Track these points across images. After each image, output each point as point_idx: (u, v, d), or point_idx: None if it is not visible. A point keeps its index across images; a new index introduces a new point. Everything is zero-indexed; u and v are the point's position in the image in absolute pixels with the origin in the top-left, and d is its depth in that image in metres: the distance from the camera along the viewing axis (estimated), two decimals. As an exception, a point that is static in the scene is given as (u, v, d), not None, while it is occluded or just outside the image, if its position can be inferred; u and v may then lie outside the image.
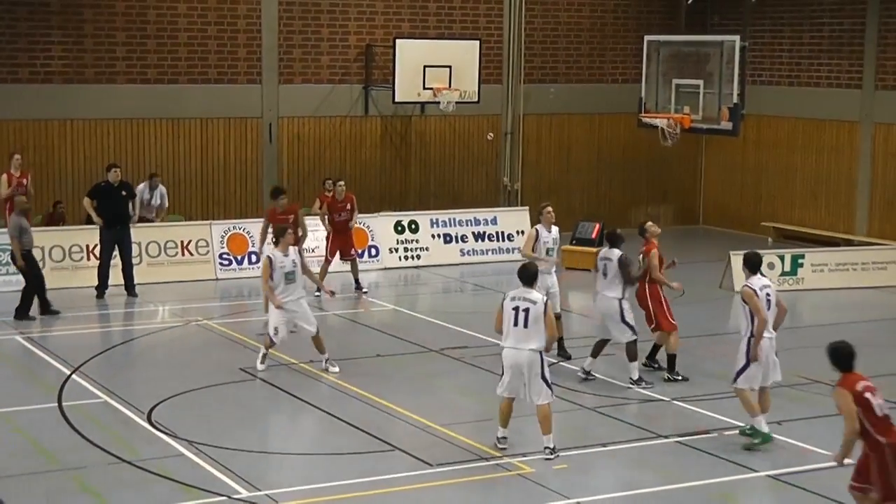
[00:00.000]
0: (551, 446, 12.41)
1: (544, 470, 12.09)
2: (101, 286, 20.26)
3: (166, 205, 22.61)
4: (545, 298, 12.45)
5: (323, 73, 25.69)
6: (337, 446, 12.90)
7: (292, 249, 15.24)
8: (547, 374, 12.35)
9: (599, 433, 13.36)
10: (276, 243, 15.37)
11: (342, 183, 20.81)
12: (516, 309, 12.24)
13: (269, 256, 15.21)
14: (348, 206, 20.50)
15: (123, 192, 20.34)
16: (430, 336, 17.43)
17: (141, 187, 22.08)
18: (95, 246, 20.88)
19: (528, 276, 12.46)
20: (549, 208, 16.31)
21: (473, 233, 24.15)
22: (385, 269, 23.25)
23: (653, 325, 15.72)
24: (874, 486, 9.75)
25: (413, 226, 23.87)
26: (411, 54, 24.55)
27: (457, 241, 24.13)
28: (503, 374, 12.46)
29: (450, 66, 24.70)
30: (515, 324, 12.23)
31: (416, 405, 14.23)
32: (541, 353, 12.29)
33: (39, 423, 13.62)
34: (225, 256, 22.26)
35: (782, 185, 27.45)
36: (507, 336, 12.34)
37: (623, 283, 15.19)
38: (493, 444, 12.60)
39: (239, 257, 22.35)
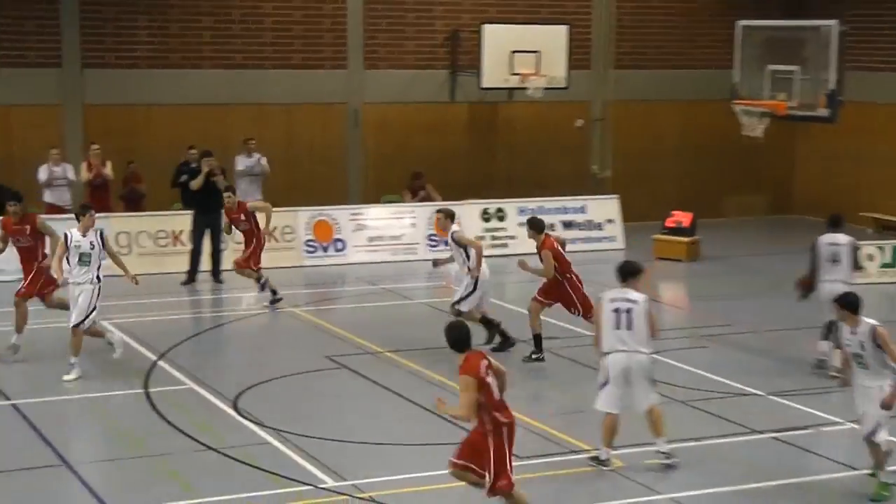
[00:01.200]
0: (666, 450, 11.71)
1: (635, 464, 11.80)
2: (193, 271, 20.26)
3: (268, 169, 22.35)
4: (646, 297, 11.69)
5: (408, 59, 25.50)
6: (422, 436, 12.70)
7: (91, 231, 15.02)
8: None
9: (691, 428, 12.99)
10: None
11: (229, 195, 18.80)
12: (617, 311, 11.51)
13: (66, 233, 15.14)
14: (242, 217, 18.63)
15: (214, 178, 20.27)
16: (517, 326, 17.11)
17: (241, 159, 22.14)
18: (181, 231, 20.90)
19: (626, 271, 11.77)
20: (437, 215, 16.43)
21: (562, 221, 23.77)
22: (471, 257, 22.99)
23: (580, 312, 15.49)
24: (483, 466, 9.88)
25: (500, 214, 23.58)
26: (498, 39, 24.26)
27: (545, 230, 23.78)
28: (605, 384, 11.62)
29: (538, 52, 24.38)
30: (617, 326, 11.46)
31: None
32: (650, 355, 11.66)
33: (126, 409, 13.66)
34: (311, 243, 22.17)
35: (882, 174, 26.69)
36: (609, 340, 11.50)
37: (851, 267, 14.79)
38: (593, 463, 11.79)
39: (325, 244, 22.26)
